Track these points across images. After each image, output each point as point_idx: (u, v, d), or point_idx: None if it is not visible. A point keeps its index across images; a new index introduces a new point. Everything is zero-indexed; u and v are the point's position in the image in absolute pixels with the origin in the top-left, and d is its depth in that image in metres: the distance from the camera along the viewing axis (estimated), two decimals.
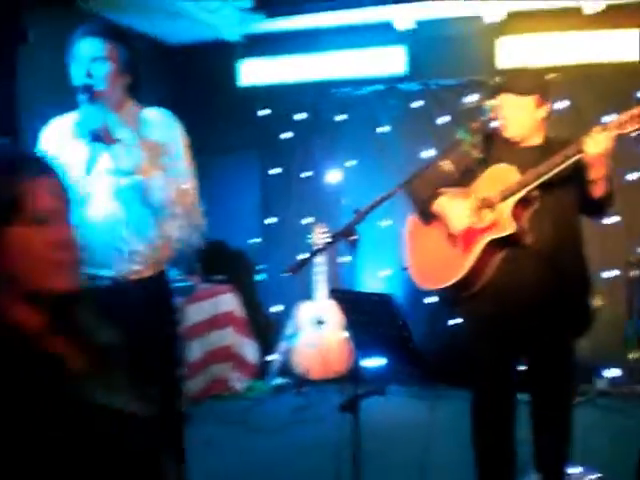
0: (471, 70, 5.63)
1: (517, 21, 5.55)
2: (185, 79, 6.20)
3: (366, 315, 2.66)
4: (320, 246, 2.63)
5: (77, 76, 2.63)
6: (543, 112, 3.05)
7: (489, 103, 3.07)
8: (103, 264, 2.65)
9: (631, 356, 5.08)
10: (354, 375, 5.21)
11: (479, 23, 5.61)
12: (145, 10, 5.14)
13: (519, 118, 3.02)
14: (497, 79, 3.33)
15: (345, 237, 2.61)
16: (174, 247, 2.82)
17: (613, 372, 5.22)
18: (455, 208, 3.10)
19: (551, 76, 5.07)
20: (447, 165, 2.99)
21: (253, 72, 6.17)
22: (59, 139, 2.73)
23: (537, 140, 3.09)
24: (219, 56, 6.14)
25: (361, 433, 2.58)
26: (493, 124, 3.10)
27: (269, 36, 5.96)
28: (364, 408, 2.62)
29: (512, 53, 5.53)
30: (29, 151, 1.48)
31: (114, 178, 2.64)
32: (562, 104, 5.17)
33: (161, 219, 2.69)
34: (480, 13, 5.54)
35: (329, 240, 2.70)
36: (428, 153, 5.39)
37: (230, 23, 5.71)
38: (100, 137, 2.58)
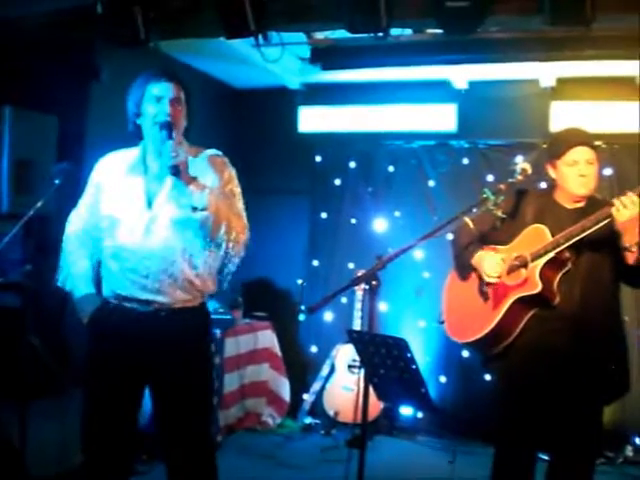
0: (521, 132, 5.72)
1: (570, 87, 5.63)
2: (248, 121, 6.45)
3: (380, 357, 2.72)
4: (343, 290, 2.72)
5: (155, 114, 2.77)
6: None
7: (520, 165, 3.10)
8: (158, 291, 2.79)
9: None
10: (386, 416, 5.29)
11: (533, 86, 5.71)
12: (214, 55, 5.40)
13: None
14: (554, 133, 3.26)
15: (367, 282, 2.72)
16: (221, 280, 2.93)
17: None
18: (489, 259, 3.13)
19: (597, 143, 5.15)
20: (469, 221, 3.01)
21: (312, 119, 6.38)
22: (113, 173, 2.90)
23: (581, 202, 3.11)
24: (281, 102, 6.36)
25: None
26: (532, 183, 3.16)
27: (328, 86, 6.18)
28: (394, 455, 2.60)
29: (565, 118, 5.59)
30: None
31: (177, 210, 2.76)
32: (606, 171, 5.22)
33: (214, 252, 2.82)
34: (536, 77, 5.65)
35: (350, 284, 2.78)
36: None
37: (291, 71, 5.96)
38: (179, 172, 2.69)
